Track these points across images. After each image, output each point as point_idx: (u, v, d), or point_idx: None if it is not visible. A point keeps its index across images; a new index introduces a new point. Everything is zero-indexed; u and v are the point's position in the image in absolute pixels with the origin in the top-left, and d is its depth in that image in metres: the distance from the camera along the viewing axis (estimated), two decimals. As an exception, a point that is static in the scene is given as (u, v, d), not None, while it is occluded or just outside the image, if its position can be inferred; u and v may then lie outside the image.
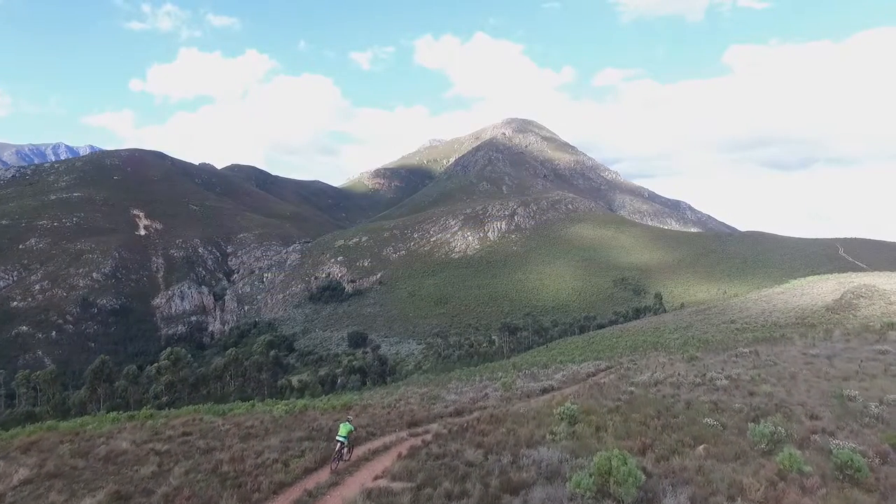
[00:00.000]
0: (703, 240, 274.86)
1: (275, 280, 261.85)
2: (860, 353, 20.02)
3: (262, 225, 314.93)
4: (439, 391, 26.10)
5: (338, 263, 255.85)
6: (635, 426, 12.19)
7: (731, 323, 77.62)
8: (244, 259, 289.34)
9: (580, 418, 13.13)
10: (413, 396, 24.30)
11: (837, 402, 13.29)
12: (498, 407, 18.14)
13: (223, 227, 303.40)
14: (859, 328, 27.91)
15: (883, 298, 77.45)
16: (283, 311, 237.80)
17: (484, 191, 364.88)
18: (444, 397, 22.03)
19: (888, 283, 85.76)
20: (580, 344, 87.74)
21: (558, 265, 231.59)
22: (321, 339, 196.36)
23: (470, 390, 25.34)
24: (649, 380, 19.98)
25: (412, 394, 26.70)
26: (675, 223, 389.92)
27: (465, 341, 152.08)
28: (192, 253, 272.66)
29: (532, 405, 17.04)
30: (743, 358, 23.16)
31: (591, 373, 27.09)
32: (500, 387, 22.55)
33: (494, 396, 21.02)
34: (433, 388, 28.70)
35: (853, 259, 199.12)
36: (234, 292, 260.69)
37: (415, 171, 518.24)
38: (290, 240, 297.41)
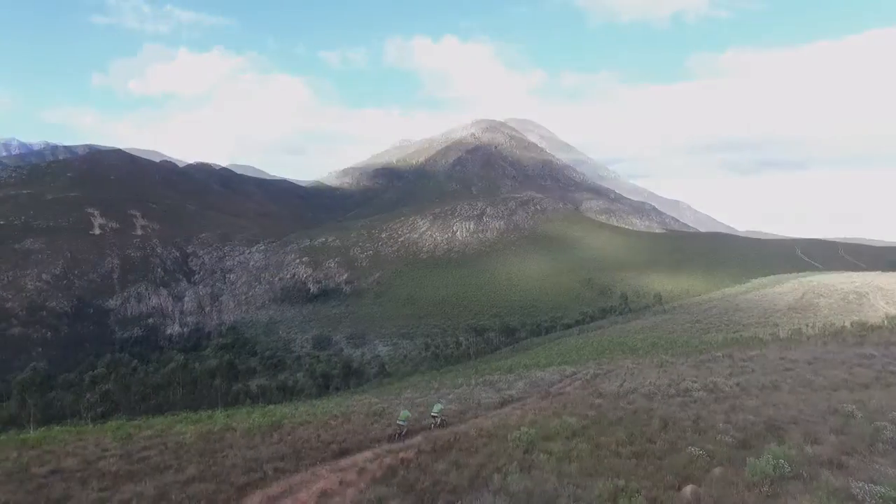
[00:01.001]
0: (667, 240, 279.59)
1: (237, 281, 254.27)
2: (843, 358, 18.40)
3: (226, 224, 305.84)
4: (389, 403, 23.67)
5: (303, 264, 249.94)
6: (604, 456, 9.99)
7: (696, 323, 77.46)
8: (206, 259, 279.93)
9: (539, 446, 10.87)
10: (360, 410, 21.78)
11: (838, 422, 11.37)
12: (448, 426, 15.85)
13: (184, 226, 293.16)
14: (834, 330, 26.62)
15: (841, 297, 78.60)
16: (245, 312, 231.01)
17: (453, 191, 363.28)
18: (392, 412, 19.63)
19: (845, 283, 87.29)
20: (547, 345, 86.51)
21: (526, 265, 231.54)
22: (285, 342, 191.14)
23: (423, 402, 22.97)
24: (618, 390, 17.96)
25: (360, 407, 24.15)
26: (640, 224, 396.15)
27: (432, 343, 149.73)
28: (150, 253, 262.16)
29: (486, 425, 14.76)
30: (717, 363, 21.41)
31: (555, 380, 25.06)
32: (455, 399, 20.29)
33: (448, 410, 18.72)
34: (385, 400, 26.26)
35: (810, 259, 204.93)
36: (195, 294, 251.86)
37: (384, 170, 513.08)
38: (254, 240, 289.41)
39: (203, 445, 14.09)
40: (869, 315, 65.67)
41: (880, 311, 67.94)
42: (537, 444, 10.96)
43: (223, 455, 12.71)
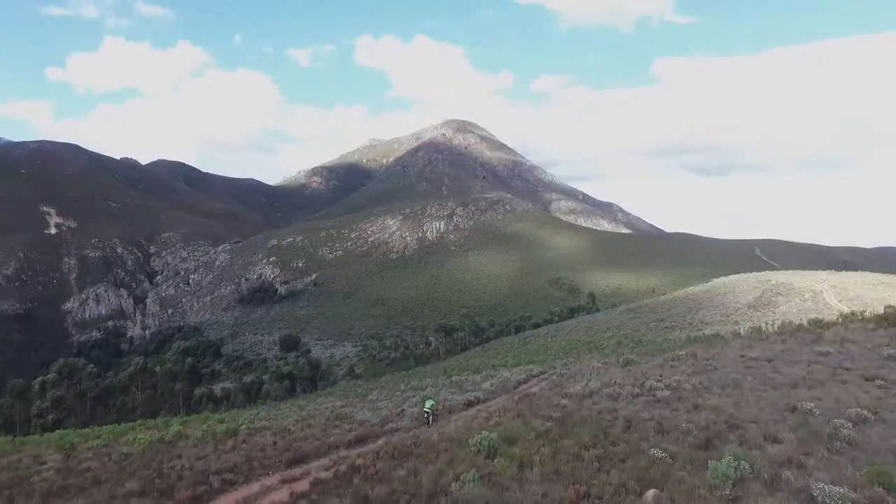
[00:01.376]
0: (633, 240, 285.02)
1: (202, 282, 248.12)
2: (801, 356, 18.71)
3: (190, 224, 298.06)
4: (353, 407, 23.10)
5: (270, 264, 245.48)
6: (567, 460, 9.74)
7: (660, 321, 78.82)
8: (169, 260, 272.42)
9: (501, 450, 10.56)
10: (322, 414, 21.17)
11: (797, 420, 11.40)
12: (410, 429, 15.45)
13: (146, 225, 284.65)
14: (792, 327, 27.21)
15: (798, 296, 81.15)
16: (210, 314, 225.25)
17: (423, 191, 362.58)
18: (355, 416, 19.09)
19: (801, 282, 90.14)
20: (515, 344, 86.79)
21: (496, 265, 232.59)
22: (251, 344, 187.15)
23: (388, 404, 22.52)
24: (583, 390, 17.84)
25: (324, 410, 23.52)
26: (608, 224, 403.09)
27: (401, 343, 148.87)
28: (109, 253, 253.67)
29: (449, 429, 14.41)
30: (681, 362, 21.57)
31: (522, 380, 24.93)
32: (420, 402, 19.89)
33: (411, 413, 18.32)
34: (349, 402, 25.67)
35: (768, 259, 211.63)
36: (157, 295, 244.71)
37: (353, 170, 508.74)
38: (219, 239, 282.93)
39: (151, 456, 13.32)
40: (823, 312, 67.94)
41: (834, 308, 70.37)
42: (499, 448, 10.65)
43: (170, 466, 12.00)
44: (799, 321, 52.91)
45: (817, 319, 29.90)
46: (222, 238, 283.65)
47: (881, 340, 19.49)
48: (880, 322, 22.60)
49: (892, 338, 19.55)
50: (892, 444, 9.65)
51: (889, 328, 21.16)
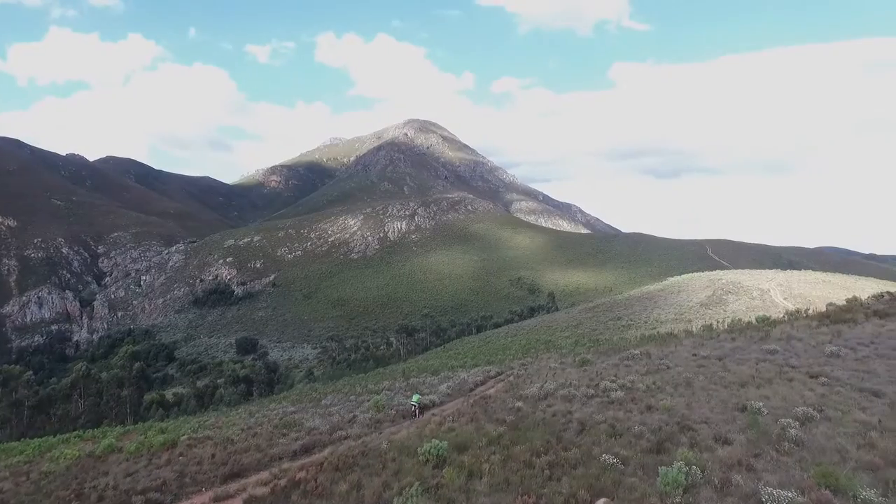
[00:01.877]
0: (591, 240, 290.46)
1: (154, 283, 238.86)
2: (749, 354, 19.04)
3: (141, 223, 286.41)
4: (304, 413, 22.26)
5: (227, 265, 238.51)
6: (517, 469, 9.38)
7: (617, 320, 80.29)
8: (118, 260, 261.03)
9: (451, 459, 10.13)
10: (271, 421, 20.28)
11: (747, 419, 11.40)
12: (360, 437, 14.84)
13: (94, 224, 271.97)
14: (742, 325, 27.86)
15: (747, 294, 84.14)
16: (163, 316, 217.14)
17: (385, 191, 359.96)
18: (304, 423, 18.29)
19: (750, 280, 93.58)
20: (476, 344, 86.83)
21: (457, 265, 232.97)
22: (206, 347, 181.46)
23: (341, 409, 21.79)
24: (539, 392, 17.62)
25: (273, 416, 22.59)
26: (567, 224, 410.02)
27: (362, 344, 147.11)
28: (54, 254, 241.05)
29: (400, 435, 13.90)
30: (635, 361, 21.68)
31: (479, 382, 24.61)
32: (372, 407, 19.27)
33: (363, 420, 17.70)
34: (302, 407, 24.78)
35: (718, 258, 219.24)
36: (106, 297, 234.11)
37: (314, 169, 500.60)
38: (173, 239, 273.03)
39: (75, 473, 12.28)
40: (770, 310, 70.60)
41: (780, 305, 73.25)
42: (449, 457, 10.21)
43: (92, 486, 11.04)
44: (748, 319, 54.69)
45: (765, 317, 30.78)
46: (176, 238, 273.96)
47: (824, 338, 20.08)
48: (822, 319, 23.35)
49: (834, 335, 20.19)
50: (837, 443, 9.72)
51: (830, 325, 21.87)
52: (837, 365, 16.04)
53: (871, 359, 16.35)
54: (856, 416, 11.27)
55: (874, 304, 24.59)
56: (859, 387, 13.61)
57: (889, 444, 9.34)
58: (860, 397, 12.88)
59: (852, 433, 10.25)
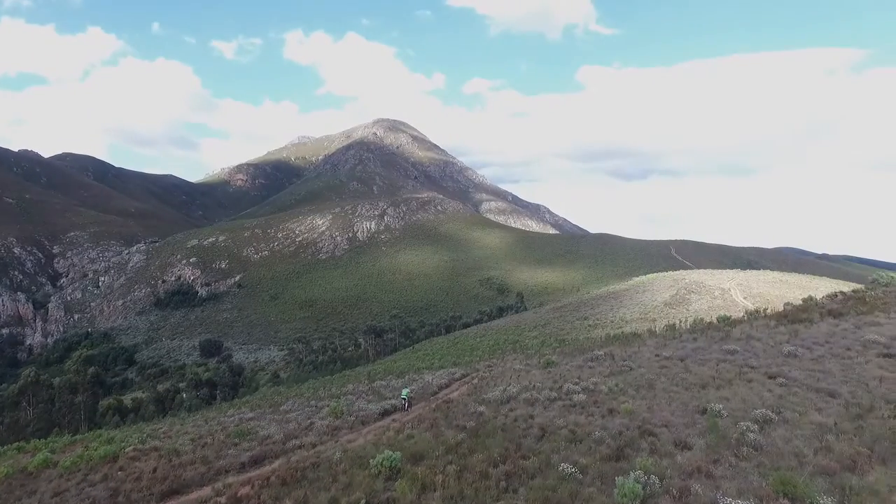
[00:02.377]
0: (560, 241, 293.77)
1: (113, 284, 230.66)
2: (710, 354, 19.14)
3: (100, 222, 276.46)
4: (262, 419, 21.43)
5: (190, 265, 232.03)
6: (473, 480, 8.97)
7: (584, 319, 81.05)
8: (75, 261, 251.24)
9: (404, 470, 9.65)
10: (225, 429, 19.42)
11: (707, 423, 11.27)
12: (314, 446, 14.21)
13: (48, 223, 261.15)
14: (704, 325, 28.18)
15: (709, 294, 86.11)
16: (122, 318, 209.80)
17: (354, 190, 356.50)
18: (258, 431, 17.54)
19: (712, 280, 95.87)
20: (445, 345, 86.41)
21: (427, 265, 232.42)
22: (168, 350, 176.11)
23: (300, 415, 21.05)
24: (502, 395, 17.30)
25: (228, 423, 21.69)
26: (536, 225, 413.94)
27: (330, 346, 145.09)
28: (5, 254, 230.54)
29: (357, 444, 13.35)
30: (599, 362, 21.61)
31: (444, 384, 24.19)
32: (330, 414, 18.62)
33: (320, 427, 17.05)
34: (260, 413, 23.91)
35: (682, 259, 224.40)
36: (61, 299, 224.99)
37: (281, 167, 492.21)
38: (133, 239, 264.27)
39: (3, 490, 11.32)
40: (731, 309, 72.38)
41: (740, 304, 75.16)
42: (403, 468, 9.74)
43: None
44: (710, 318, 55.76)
45: (726, 317, 31.27)
46: (137, 238, 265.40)
47: (781, 337, 20.37)
48: (780, 319, 23.76)
49: (791, 334, 20.51)
50: (795, 447, 9.65)
51: (788, 325, 22.24)
52: (794, 365, 16.21)
53: (826, 358, 16.60)
54: (812, 418, 11.28)
55: (828, 303, 25.20)
56: (815, 387, 13.73)
57: (844, 447, 9.31)
58: (816, 398, 12.97)
59: (809, 436, 10.22)
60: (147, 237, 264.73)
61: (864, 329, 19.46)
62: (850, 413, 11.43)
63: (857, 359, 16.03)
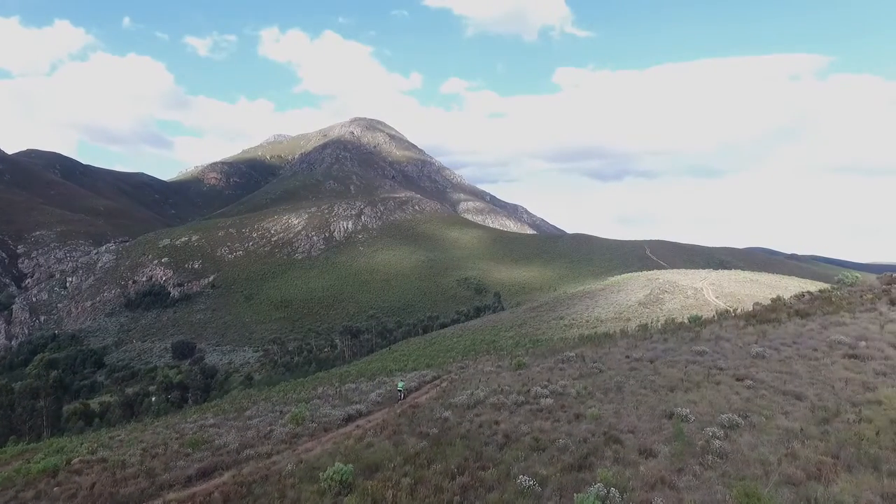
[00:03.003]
0: (537, 241, 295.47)
1: (81, 285, 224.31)
2: (680, 356, 18.98)
3: (66, 221, 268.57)
4: (222, 426, 20.59)
5: (162, 265, 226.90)
6: (426, 495, 8.47)
7: (560, 319, 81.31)
8: (41, 261, 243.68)
9: (356, 484, 9.10)
10: (183, 436, 18.56)
11: (673, 430, 10.95)
12: (269, 455, 13.53)
13: (13, 222, 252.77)
14: (675, 326, 28.16)
15: (682, 293, 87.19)
16: (91, 320, 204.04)
17: (331, 189, 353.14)
18: (214, 440, 16.74)
19: (685, 280, 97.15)
20: (421, 345, 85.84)
21: (404, 265, 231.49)
22: (139, 352, 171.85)
23: (262, 421, 20.27)
24: (469, 400, 16.83)
25: (187, 429, 20.80)
26: (513, 225, 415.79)
27: (306, 347, 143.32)
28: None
29: (314, 453, 12.72)
30: (570, 364, 21.31)
31: (414, 387, 23.65)
32: (292, 420, 17.92)
33: (279, 434, 16.35)
34: (224, 419, 23.02)
35: (656, 258, 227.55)
36: (27, 300, 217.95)
37: (257, 166, 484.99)
38: (102, 238, 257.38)
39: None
40: (703, 308, 73.33)
41: (712, 303, 76.21)
42: (355, 482, 9.18)
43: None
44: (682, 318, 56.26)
45: (697, 317, 31.38)
46: (106, 237, 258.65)
47: (750, 338, 20.32)
48: (749, 319, 23.81)
49: (759, 335, 20.49)
50: (760, 454, 9.37)
51: (757, 325, 22.26)
52: (762, 366, 16.09)
53: (793, 359, 16.53)
54: (779, 423, 11.06)
55: (796, 303, 25.38)
56: (782, 389, 13.58)
57: (810, 453, 9.07)
58: (783, 401, 12.80)
59: (776, 441, 9.97)
60: (117, 236, 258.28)
61: (830, 329, 19.53)
62: (816, 416, 11.26)
63: (823, 360, 15.99)
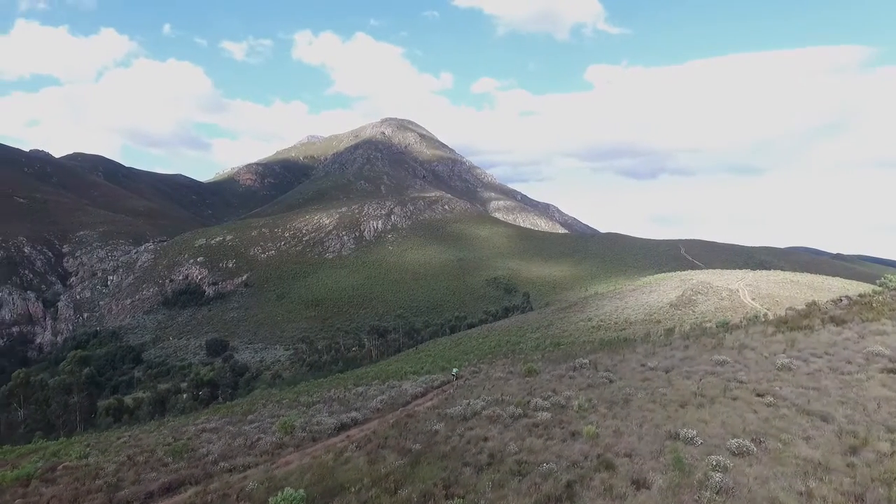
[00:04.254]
0: (568, 240, 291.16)
1: (122, 283, 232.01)
2: (698, 366, 17.46)
3: (109, 221, 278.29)
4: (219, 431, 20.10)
5: (198, 264, 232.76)
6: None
7: (588, 321, 79.22)
8: (84, 260, 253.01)
9: (307, 512, 8.20)
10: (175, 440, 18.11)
11: (672, 457, 9.67)
12: (245, 469, 12.79)
13: (59, 223, 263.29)
14: (698, 331, 26.40)
15: (716, 294, 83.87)
16: (130, 317, 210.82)
17: (362, 189, 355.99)
18: (199, 448, 16.15)
19: (720, 281, 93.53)
20: (447, 346, 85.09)
21: (434, 265, 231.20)
22: (175, 349, 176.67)
23: (257, 428, 19.68)
24: (465, 410, 15.77)
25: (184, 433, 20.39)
26: (545, 224, 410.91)
27: (334, 346, 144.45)
28: (15, 253, 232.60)
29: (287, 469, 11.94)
30: (580, 372, 20.00)
31: (420, 392, 22.72)
32: (280, 430, 17.21)
33: (265, 444, 15.65)
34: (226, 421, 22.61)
35: (692, 258, 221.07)
36: (71, 298, 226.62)
37: (290, 167, 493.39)
38: (142, 238, 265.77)
39: None
40: (738, 310, 70.20)
41: (748, 306, 72.92)
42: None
43: None
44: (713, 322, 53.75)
45: (724, 322, 29.49)
46: (145, 237, 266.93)
47: (777, 347, 18.55)
48: (780, 326, 21.93)
49: (788, 344, 18.68)
50: (770, 490, 8.03)
51: (787, 332, 20.42)
52: (787, 380, 14.47)
53: (822, 373, 14.84)
54: (798, 450, 9.63)
55: (832, 309, 23.32)
56: (807, 409, 12.04)
57: (829, 492, 7.69)
58: (806, 423, 11.29)
59: (791, 474, 8.60)
60: (156, 236, 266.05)
61: (867, 339, 17.64)
62: (842, 444, 9.78)
63: (857, 374, 14.27)
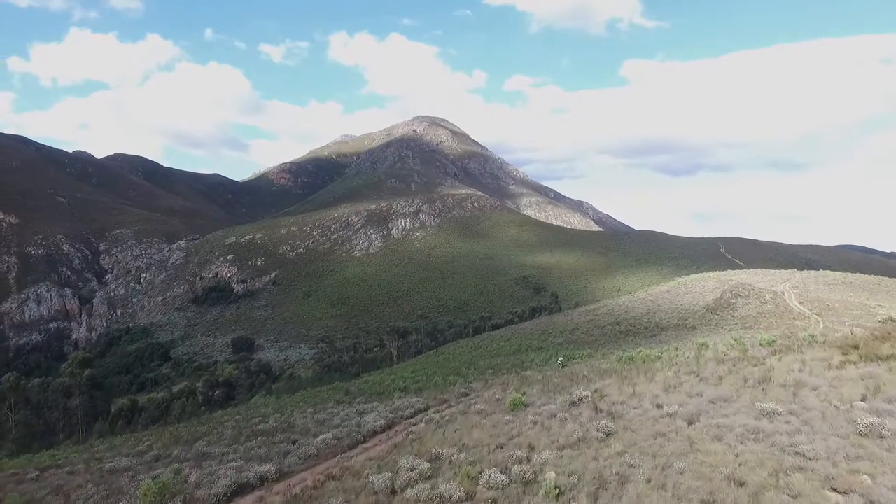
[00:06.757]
0: (603, 238, 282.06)
1: (154, 280, 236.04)
2: (735, 415, 12.41)
3: (144, 220, 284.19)
4: (114, 473, 16.29)
5: (227, 262, 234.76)
6: None
7: (616, 325, 73.43)
8: (119, 258, 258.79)
9: None
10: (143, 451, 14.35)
11: None
12: None
13: (96, 221, 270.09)
14: (737, 353, 21.05)
15: (758, 297, 76.72)
16: (162, 314, 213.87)
17: (392, 188, 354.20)
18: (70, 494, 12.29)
19: (763, 282, 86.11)
20: (467, 348, 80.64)
21: (461, 263, 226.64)
22: (202, 346, 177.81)
23: (133, 478, 15.67)
24: (390, 482, 11.22)
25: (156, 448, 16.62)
26: (578, 221, 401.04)
27: (356, 346, 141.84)
28: (54, 251, 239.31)
29: None
30: (575, 412, 15.18)
31: (379, 428, 18.30)
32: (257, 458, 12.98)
33: None
34: (157, 453, 18.85)
35: (732, 257, 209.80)
36: (105, 295, 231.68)
37: (323, 166, 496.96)
38: (175, 236, 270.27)
39: None
40: (784, 316, 63.32)
41: (794, 310, 65.89)
42: None
43: None
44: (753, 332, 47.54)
45: (770, 340, 23.97)
46: (179, 235, 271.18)
47: (852, 389, 12.75)
48: (847, 350, 16.43)
49: (867, 385, 12.95)
50: None
51: (861, 363, 14.86)
52: (879, 458, 9.28)
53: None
54: None
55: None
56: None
57: None
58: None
59: None
60: (189, 235, 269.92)
61: None
62: None
63: None
